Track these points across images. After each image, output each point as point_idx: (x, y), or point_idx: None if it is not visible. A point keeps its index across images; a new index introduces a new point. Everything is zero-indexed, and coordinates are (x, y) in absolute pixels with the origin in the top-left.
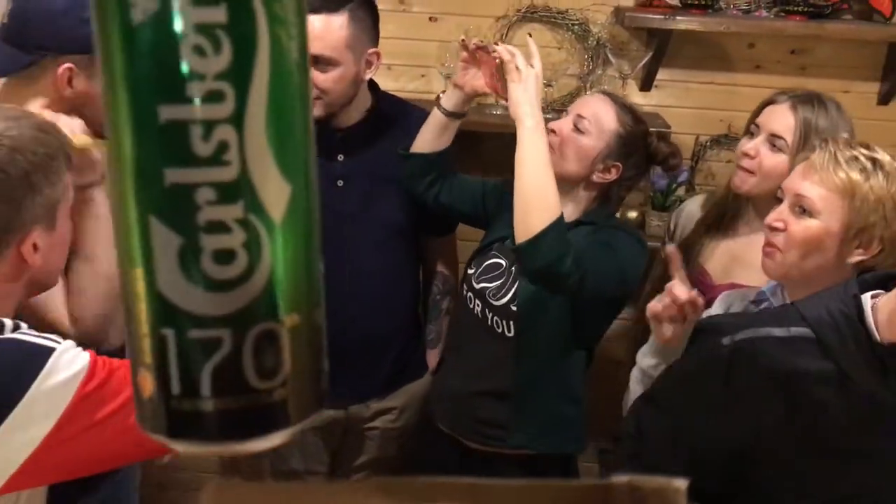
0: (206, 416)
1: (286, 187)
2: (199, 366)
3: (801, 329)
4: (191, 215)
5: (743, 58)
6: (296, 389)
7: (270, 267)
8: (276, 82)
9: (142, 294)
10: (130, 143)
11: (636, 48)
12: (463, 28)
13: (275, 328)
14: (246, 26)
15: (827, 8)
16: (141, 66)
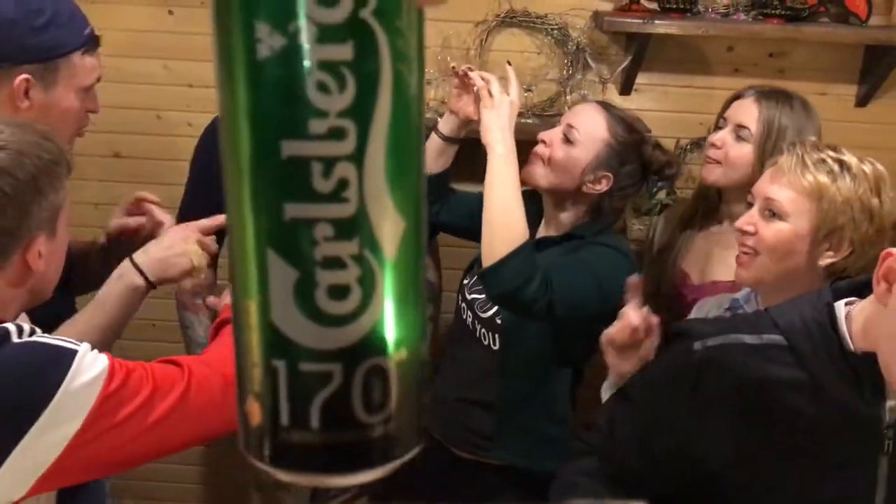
0: (313, 448)
1: (401, 224)
2: (308, 398)
3: (773, 336)
4: (308, 250)
5: (721, 61)
6: (400, 425)
7: (382, 303)
8: (396, 119)
9: (255, 325)
10: (252, 178)
11: (615, 52)
12: (441, 33)
13: (383, 364)
14: (370, 64)
15: (804, 11)
16: (265, 102)
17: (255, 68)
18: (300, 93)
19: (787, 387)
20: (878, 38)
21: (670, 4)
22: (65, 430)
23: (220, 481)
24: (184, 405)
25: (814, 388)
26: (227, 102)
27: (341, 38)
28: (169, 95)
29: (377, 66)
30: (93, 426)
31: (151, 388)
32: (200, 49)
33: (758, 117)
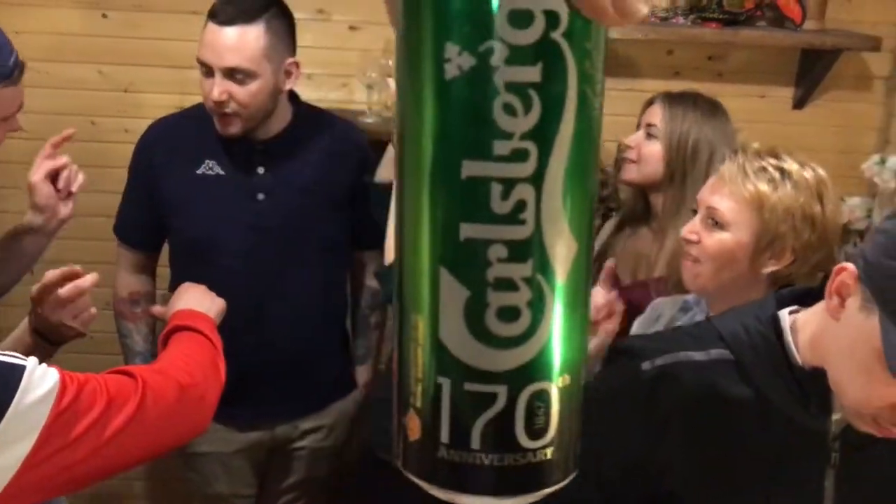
0: (471, 468)
1: (573, 247)
2: (471, 419)
3: (720, 351)
4: (481, 271)
5: (662, 64)
6: (558, 451)
7: (550, 327)
8: (578, 142)
9: (421, 340)
10: (430, 196)
11: None
12: (384, 37)
13: (548, 388)
14: (558, 85)
15: (741, 15)
16: (450, 122)
17: (442, 88)
18: (486, 114)
19: (736, 405)
20: (812, 42)
21: None
22: (17, 451)
23: (167, 492)
24: (140, 417)
25: (761, 404)
26: (411, 121)
27: (531, 59)
28: (104, 101)
29: (564, 88)
30: (46, 444)
31: (106, 402)
32: (136, 53)
33: (661, 115)
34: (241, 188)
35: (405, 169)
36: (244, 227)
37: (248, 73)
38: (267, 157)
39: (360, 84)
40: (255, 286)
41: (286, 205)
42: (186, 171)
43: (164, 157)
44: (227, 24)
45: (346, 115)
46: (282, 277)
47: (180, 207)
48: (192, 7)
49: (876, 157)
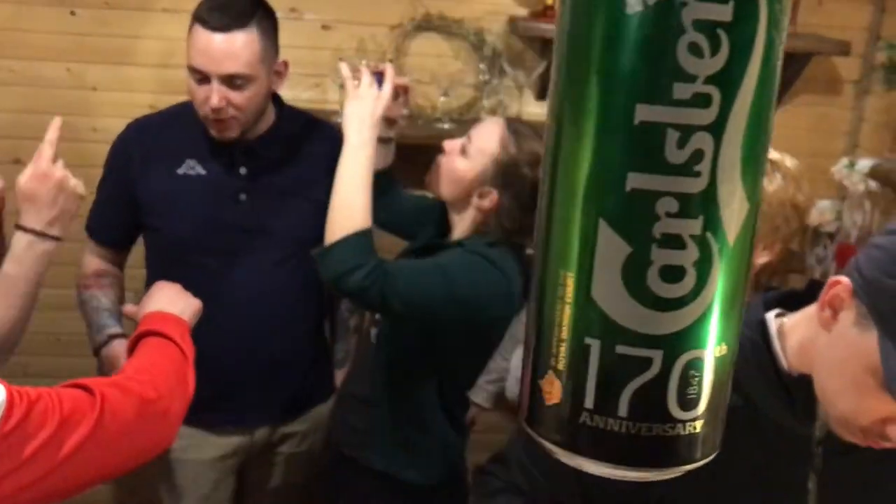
0: (614, 436)
1: (745, 206)
2: (620, 384)
3: None
4: (646, 225)
5: None
6: (708, 426)
7: (714, 291)
8: (760, 90)
9: (569, 298)
10: (595, 141)
11: (531, 58)
12: (357, 36)
13: (704, 357)
14: (748, 27)
15: None
16: (624, 61)
17: (621, 24)
18: (668, 53)
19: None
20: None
21: None
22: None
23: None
24: (97, 435)
25: (749, 409)
26: (577, 60)
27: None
28: (72, 99)
29: (754, 31)
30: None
31: (59, 420)
32: (105, 51)
33: None
34: (222, 189)
35: (565, 112)
36: (225, 227)
37: (247, 78)
38: (249, 157)
39: (332, 84)
40: (235, 288)
41: (268, 206)
42: (167, 170)
43: (144, 156)
44: (222, 30)
45: (319, 114)
46: (263, 279)
47: (160, 207)
48: (162, 5)
49: (845, 160)
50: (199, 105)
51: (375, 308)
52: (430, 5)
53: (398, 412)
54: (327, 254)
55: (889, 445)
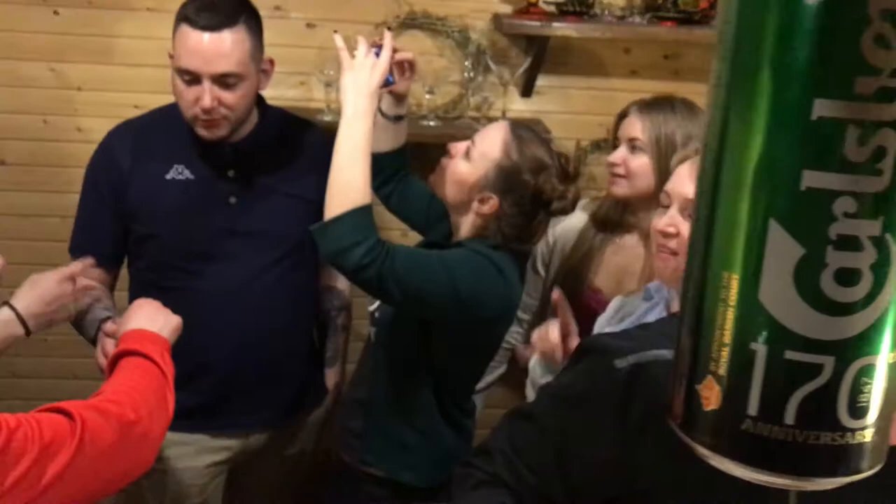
0: (779, 444)
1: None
2: (788, 391)
3: None
4: (821, 226)
5: (619, 63)
6: (877, 434)
7: (890, 295)
8: None
9: (734, 300)
10: (766, 137)
11: (515, 55)
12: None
13: (877, 364)
14: None
15: (696, 14)
16: (801, 53)
17: (799, 13)
18: (852, 45)
19: None
20: None
21: (567, 7)
22: None
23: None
24: (78, 462)
25: None
26: (747, 51)
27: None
28: (56, 99)
29: None
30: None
31: (39, 448)
32: (88, 50)
33: (642, 127)
34: (212, 192)
35: (732, 106)
36: (216, 231)
37: (239, 77)
38: (237, 159)
39: (318, 82)
40: (229, 292)
41: (258, 208)
42: (155, 176)
43: (131, 161)
44: (213, 29)
45: (304, 113)
46: (255, 282)
47: (150, 214)
48: (146, 4)
49: None
50: (188, 106)
51: (373, 288)
52: (415, 3)
53: (396, 415)
54: (326, 229)
55: None
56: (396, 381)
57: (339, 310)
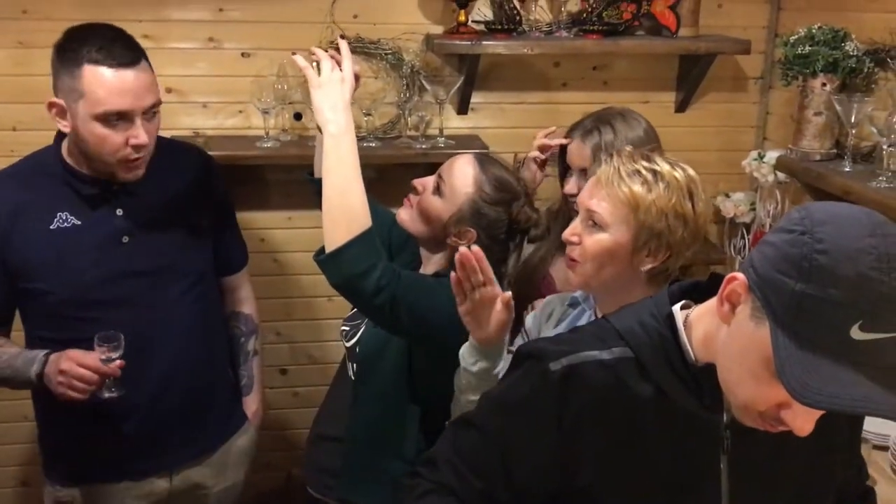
0: None
1: None
2: None
3: (622, 349)
4: None
5: (550, 76)
6: None
7: None
8: None
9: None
10: None
11: (449, 73)
12: (277, 62)
13: None
14: None
15: (620, 26)
16: None
17: None
18: None
19: (639, 401)
20: (688, 48)
21: (496, 26)
22: None
23: None
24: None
25: (661, 399)
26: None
27: None
28: None
29: None
30: None
31: None
32: (22, 90)
33: (589, 155)
34: (103, 235)
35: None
36: (115, 274)
37: (158, 107)
38: (123, 196)
39: (255, 109)
40: (139, 334)
41: (153, 243)
42: (39, 228)
43: (10, 217)
44: (131, 65)
45: (244, 141)
46: (161, 319)
47: (40, 269)
48: None
49: (754, 153)
50: (115, 150)
51: (384, 312)
52: (347, 28)
53: (383, 448)
54: (337, 258)
55: (784, 428)
56: (381, 415)
57: (247, 335)
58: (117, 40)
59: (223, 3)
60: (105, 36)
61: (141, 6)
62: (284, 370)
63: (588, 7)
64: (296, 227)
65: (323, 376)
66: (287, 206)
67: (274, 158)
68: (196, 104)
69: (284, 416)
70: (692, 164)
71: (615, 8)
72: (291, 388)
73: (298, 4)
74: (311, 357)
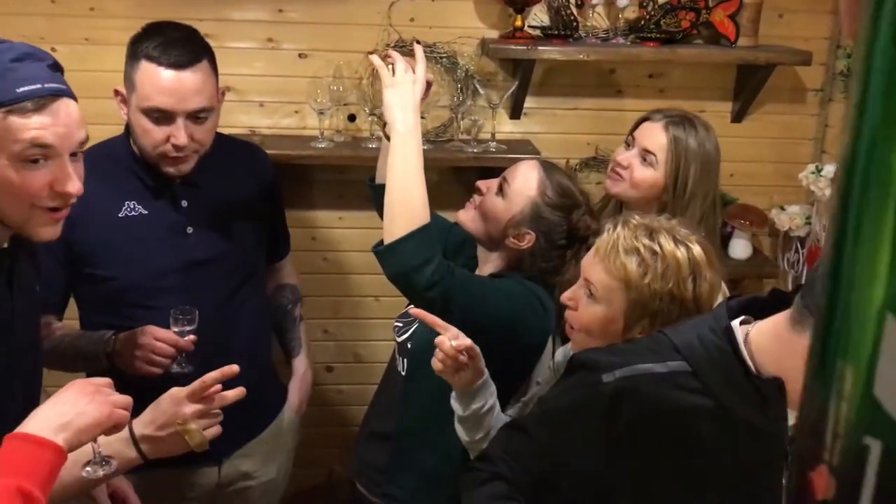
0: None
1: None
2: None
3: (678, 363)
4: None
5: (605, 83)
6: None
7: None
8: None
9: (847, 393)
10: (884, 229)
11: (503, 78)
12: (333, 64)
13: None
14: None
15: (678, 34)
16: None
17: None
18: None
19: (695, 414)
20: (747, 58)
21: (552, 31)
22: None
23: None
24: None
25: (720, 413)
26: (871, 142)
27: None
28: None
29: None
30: None
31: None
32: (87, 86)
33: (665, 144)
34: (168, 225)
35: (858, 197)
36: (177, 264)
37: (210, 111)
38: (187, 189)
39: (311, 110)
40: (199, 323)
41: (215, 234)
42: (107, 215)
43: (77, 206)
44: (183, 67)
45: (298, 140)
46: (217, 311)
47: (104, 256)
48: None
49: (812, 166)
50: (156, 145)
51: (435, 306)
52: (403, 31)
53: (430, 447)
54: (393, 250)
55: None
56: (430, 412)
57: (293, 303)
58: (180, 42)
59: (282, 4)
60: (169, 36)
61: (203, 6)
62: (330, 367)
63: (646, 14)
64: (346, 226)
65: (368, 375)
66: (338, 206)
67: (327, 159)
68: (253, 103)
69: (328, 413)
70: (747, 175)
71: (673, 16)
72: (336, 385)
73: (356, 7)
74: (356, 356)
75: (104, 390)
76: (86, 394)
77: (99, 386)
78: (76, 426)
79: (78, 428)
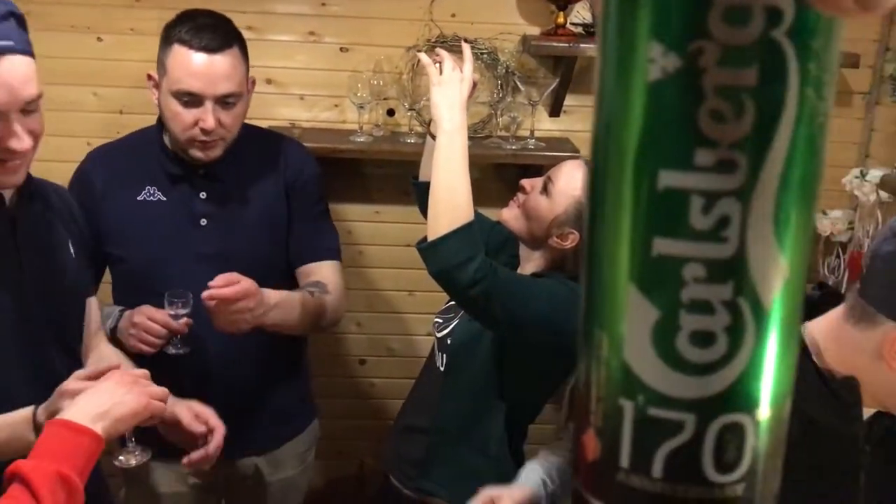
0: (651, 496)
1: (783, 270)
2: (653, 445)
3: None
4: (674, 291)
5: None
6: (751, 489)
7: (750, 356)
8: (796, 152)
9: (604, 359)
10: (624, 207)
11: (544, 75)
12: (374, 58)
13: (742, 421)
14: (775, 89)
15: None
16: (648, 128)
17: (643, 91)
18: (690, 120)
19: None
20: None
21: (594, 29)
22: None
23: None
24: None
25: (798, 416)
26: (609, 126)
27: (746, 61)
28: (99, 123)
29: (782, 93)
30: None
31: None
32: (130, 75)
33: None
34: (183, 214)
35: (601, 176)
36: (185, 254)
37: (238, 97)
38: (208, 181)
39: (351, 104)
40: (199, 317)
41: (228, 230)
42: (128, 197)
43: (105, 184)
44: (214, 51)
45: (338, 134)
46: None
47: (121, 235)
48: None
49: (856, 170)
50: (185, 128)
51: (479, 305)
52: (444, 26)
53: (468, 442)
54: (436, 247)
55: None
56: (468, 408)
57: (319, 293)
58: (211, 27)
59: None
60: (201, 21)
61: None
62: (363, 360)
63: None
64: (383, 220)
65: (400, 369)
66: (376, 201)
67: (366, 153)
68: (293, 96)
69: (359, 406)
70: None
71: None
72: (368, 378)
73: (398, 2)
74: (389, 349)
75: (142, 381)
76: (124, 384)
77: (137, 377)
78: (114, 415)
79: (115, 417)
